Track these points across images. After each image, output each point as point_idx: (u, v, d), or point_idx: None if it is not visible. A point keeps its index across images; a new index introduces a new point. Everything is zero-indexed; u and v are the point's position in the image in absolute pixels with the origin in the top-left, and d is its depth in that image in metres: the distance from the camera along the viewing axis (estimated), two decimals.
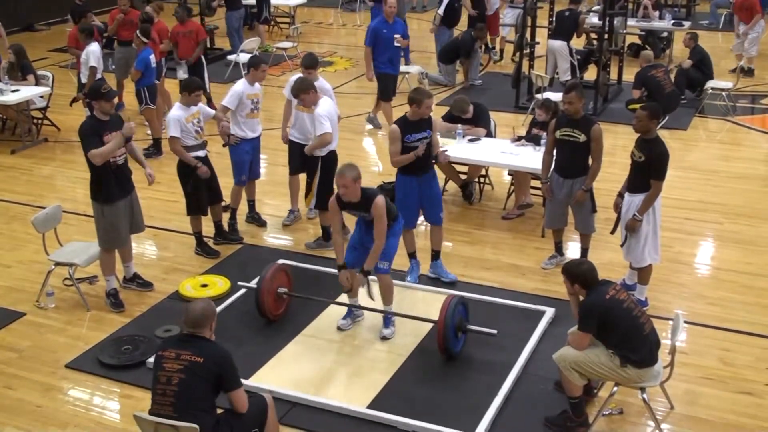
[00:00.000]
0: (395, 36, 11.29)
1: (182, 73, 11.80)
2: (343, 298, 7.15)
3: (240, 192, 8.65)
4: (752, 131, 11.93)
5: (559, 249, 7.85)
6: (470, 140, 9.09)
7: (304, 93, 7.90)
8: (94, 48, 10.87)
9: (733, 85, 13.13)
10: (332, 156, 8.12)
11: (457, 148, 8.92)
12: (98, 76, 10.75)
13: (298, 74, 8.52)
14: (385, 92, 11.58)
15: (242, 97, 8.24)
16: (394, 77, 11.71)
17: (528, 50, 12.91)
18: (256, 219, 8.88)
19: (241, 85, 8.32)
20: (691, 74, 12.86)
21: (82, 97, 10.74)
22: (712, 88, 12.73)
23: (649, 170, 6.80)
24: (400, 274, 7.75)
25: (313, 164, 8.15)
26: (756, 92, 13.71)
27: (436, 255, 7.70)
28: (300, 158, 8.42)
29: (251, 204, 8.90)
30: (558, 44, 13.02)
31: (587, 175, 7.34)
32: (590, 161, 7.35)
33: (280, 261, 7.71)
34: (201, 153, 7.96)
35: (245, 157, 8.42)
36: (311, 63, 8.46)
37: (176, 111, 7.84)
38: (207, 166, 7.99)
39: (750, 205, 9.32)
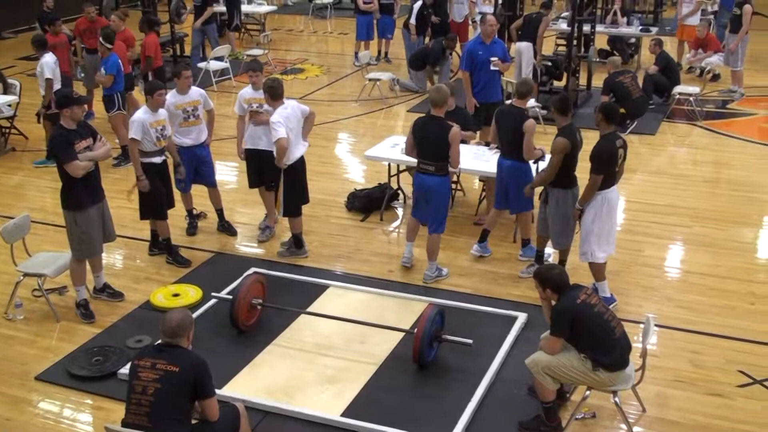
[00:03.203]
0: (492, 59, 10.02)
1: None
2: (315, 307, 7.14)
3: (185, 199, 8.64)
4: (720, 135, 12.07)
5: (539, 259, 7.80)
6: None
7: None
8: (47, 59, 10.58)
9: (700, 90, 13.30)
10: (298, 164, 7.92)
11: None
12: (56, 86, 10.49)
13: (246, 89, 8.45)
14: (477, 122, 9.97)
15: (170, 108, 8.13)
16: (487, 105, 9.96)
17: None
18: (226, 227, 8.84)
19: (169, 96, 8.19)
20: (657, 79, 13.01)
21: (44, 111, 10.59)
22: (680, 93, 12.88)
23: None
24: (375, 282, 7.75)
25: (273, 175, 8.07)
26: (724, 97, 13.87)
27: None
28: (255, 168, 8.44)
29: (220, 212, 8.85)
30: (524, 45, 13.19)
31: (561, 186, 7.30)
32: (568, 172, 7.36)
33: (254, 270, 7.69)
34: (157, 159, 7.92)
35: (185, 166, 8.37)
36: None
37: (142, 114, 7.80)
38: (163, 173, 7.99)
39: (718, 208, 9.42)
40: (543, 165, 7.86)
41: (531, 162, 7.93)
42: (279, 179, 7.96)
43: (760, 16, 16.54)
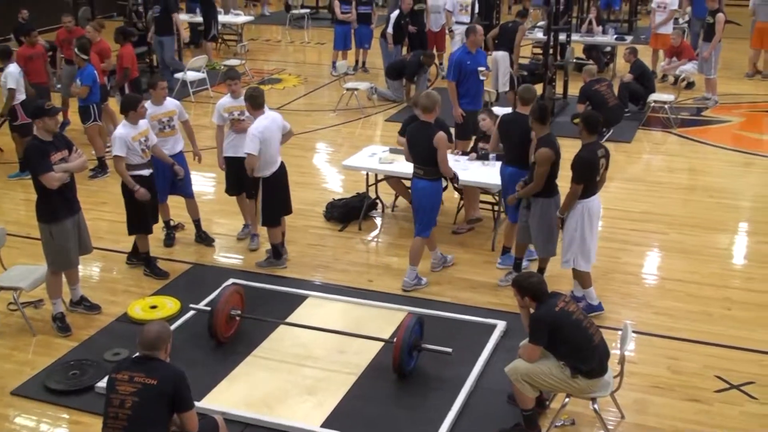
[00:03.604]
0: (480, 69, 10.10)
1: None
2: (294, 317, 7.12)
3: (160, 209, 8.53)
4: (694, 142, 12.19)
5: (517, 267, 7.80)
6: None
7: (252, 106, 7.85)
8: (11, 69, 10.39)
9: (675, 97, 13.43)
10: (277, 175, 7.92)
11: (406, 163, 8.92)
12: (19, 97, 10.32)
13: (225, 98, 8.43)
14: (465, 131, 10.04)
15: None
16: (474, 114, 9.86)
17: None
18: (204, 238, 8.80)
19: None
20: (632, 87, 13.12)
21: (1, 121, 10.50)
22: (655, 101, 12.99)
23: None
24: (354, 291, 7.74)
25: (252, 184, 8.04)
26: (698, 105, 14.01)
27: None
28: (235, 176, 8.42)
29: (197, 223, 8.81)
30: (501, 54, 13.29)
31: (544, 195, 7.32)
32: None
33: (232, 281, 7.65)
34: (146, 172, 7.86)
35: (160, 176, 8.28)
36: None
37: (122, 129, 7.73)
38: (151, 185, 7.90)
39: (694, 215, 9.50)
40: None
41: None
42: (258, 188, 7.96)
43: (733, 24, 16.72)
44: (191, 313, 7.20)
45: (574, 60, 14.83)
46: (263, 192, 7.90)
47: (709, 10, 14.01)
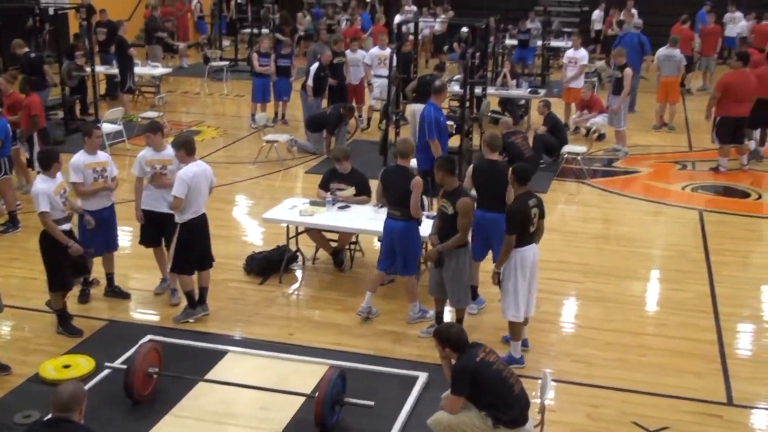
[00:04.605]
0: (448, 123, 10.48)
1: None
2: (213, 374, 7.00)
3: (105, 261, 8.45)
4: (607, 193, 12.56)
5: (439, 320, 7.85)
6: (340, 208, 9.15)
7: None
8: None
9: (587, 149, 13.86)
10: (197, 222, 7.87)
11: (326, 216, 8.97)
12: None
13: (147, 150, 8.34)
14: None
15: (80, 167, 8.00)
16: None
17: (394, 118, 13.23)
18: (117, 293, 8.60)
19: (79, 155, 8.09)
20: (546, 139, 13.50)
21: None
22: (568, 153, 13.38)
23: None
24: (275, 345, 7.66)
25: (170, 231, 7.96)
26: (609, 156, 14.47)
27: None
28: (152, 230, 8.35)
29: (110, 277, 8.63)
30: (417, 107, 13.48)
31: (458, 246, 7.39)
32: None
33: (150, 337, 7.49)
34: (66, 226, 7.69)
35: (93, 230, 8.17)
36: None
37: (42, 184, 7.54)
38: (73, 238, 7.75)
39: (608, 263, 9.76)
40: None
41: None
42: (173, 236, 7.89)
43: (641, 78, 17.44)
44: (107, 371, 7.00)
45: (490, 113, 15.19)
46: (179, 236, 7.84)
47: (617, 65, 14.57)
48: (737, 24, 21.05)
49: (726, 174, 13.32)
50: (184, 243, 7.84)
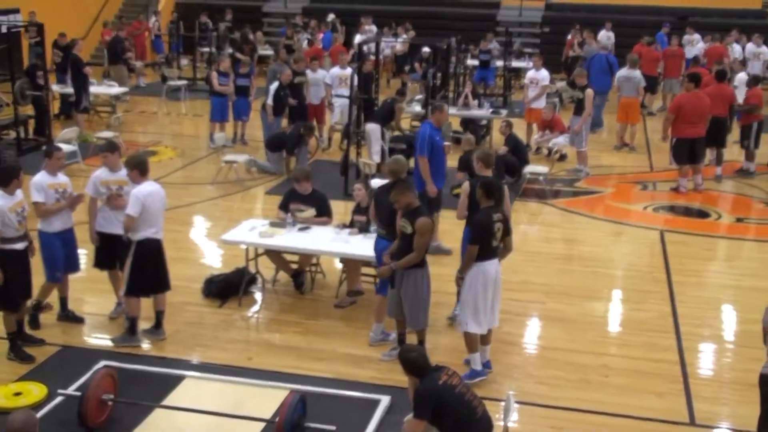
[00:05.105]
0: (445, 144, 10.35)
1: None
2: (170, 399, 6.91)
3: (51, 289, 8.29)
4: (569, 213, 12.70)
5: (401, 341, 7.81)
6: (300, 229, 9.12)
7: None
8: None
9: (549, 169, 14.01)
10: (152, 243, 7.83)
11: (286, 237, 8.94)
12: None
13: (102, 171, 8.28)
14: (430, 208, 9.23)
15: (43, 187, 7.91)
16: (440, 192, 10.20)
17: (355, 138, 13.27)
18: (70, 317, 8.47)
19: (41, 175, 7.99)
20: (508, 160, 13.59)
21: None
22: (530, 173, 13.51)
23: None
24: (234, 370, 7.59)
25: (125, 253, 7.89)
26: (571, 176, 14.63)
27: None
28: (107, 252, 8.26)
29: (63, 302, 8.50)
30: (372, 126, 13.64)
31: (417, 265, 7.39)
32: None
33: (104, 363, 7.38)
34: (20, 246, 7.57)
35: (58, 252, 8.07)
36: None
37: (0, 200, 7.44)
38: (25, 260, 7.63)
39: (571, 284, 9.84)
40: None
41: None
42: (127, 256, 7.82)
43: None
44: (59, 399, 6.88)
45: (452, 133, 15.30)
46: (134, 256, 7.77)
47: (578, 86, 14.77)
48: (695, 46, 21.48)
49: (686, 194, 13.53)
50: (138, 263, 7.77)
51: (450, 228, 10.34)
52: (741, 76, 16.99)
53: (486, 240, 7.17)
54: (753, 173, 14.69)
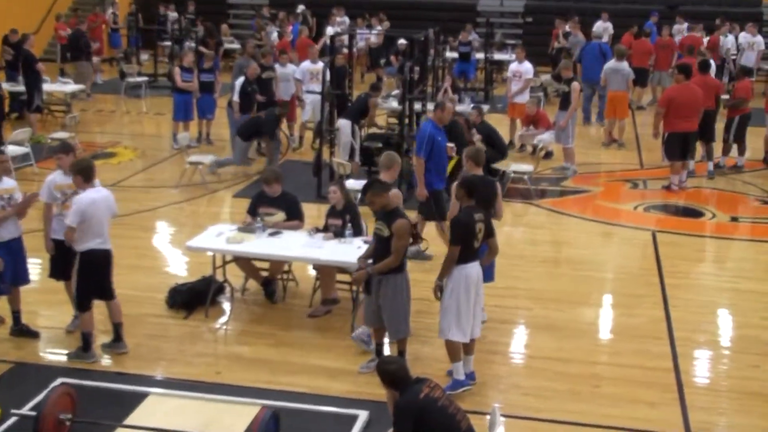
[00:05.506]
0: (449, 145, 10.55)
1: None
2: (133, 419, 6.87)
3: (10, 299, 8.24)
4: (555, 213, 12.76)
5: (379, 352, 7.83)
6: (271, 234, 9.10)
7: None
8: None
9: (534, 168, 14.06)
10: (97, 253, 7.79)
11: (256, 243, 8.91)
12: None
13: (56, 174, 8.23)
14: (429, 210, 10.27)
15: None
16: (441, 192, 10.32)
17: (328, 137, 13.26)
18: (24, 331, 8.39)
19: None
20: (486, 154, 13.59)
21: None
22: (514, 172, 13.55)
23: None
24: (201, 386, 7.56)
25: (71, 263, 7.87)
26: (557, 175, 14.70)
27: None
28: (63, 261, 8.19)
29: (16, 316, 8.42)
30: (343, 122, 13.66)
31: (397, 270, 7.42)
32: None
33: (61, 380, 7.32)
34: None
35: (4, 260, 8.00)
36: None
37: None
38: None
39: (559, 288, 9.88)
40: None
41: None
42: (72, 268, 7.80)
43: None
44: (13, 419, 6.83)
45: None
46: (79, 269, 7.76)
47: (564, 79, 14.84)
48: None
49: (678, 192, 13.63)
50: (83, 275, 7.77)
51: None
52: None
53: (467, 241, 7.20)
54: (741, 168, 14.95)
